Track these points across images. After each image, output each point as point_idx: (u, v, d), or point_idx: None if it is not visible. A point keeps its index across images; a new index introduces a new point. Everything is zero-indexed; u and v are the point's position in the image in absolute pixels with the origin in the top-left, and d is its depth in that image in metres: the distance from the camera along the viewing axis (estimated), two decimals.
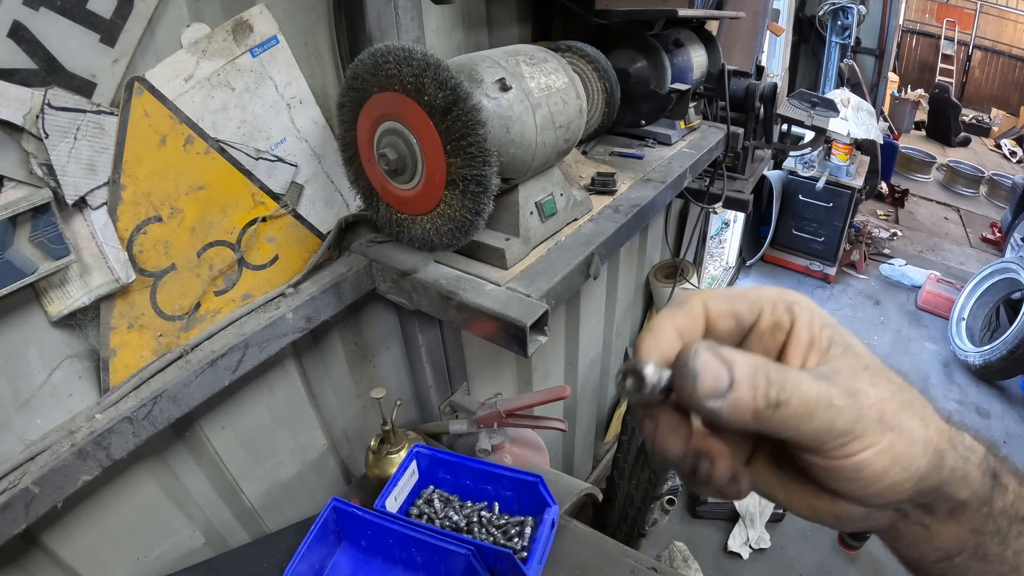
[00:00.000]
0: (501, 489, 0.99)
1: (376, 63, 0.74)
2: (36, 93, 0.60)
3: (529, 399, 1.07)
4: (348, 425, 1.19)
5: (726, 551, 2.50)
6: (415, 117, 0.73)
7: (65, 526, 0.77)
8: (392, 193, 0.83)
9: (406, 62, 0.71)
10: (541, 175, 0.94)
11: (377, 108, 0.77)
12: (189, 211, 0.77)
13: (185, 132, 0.74)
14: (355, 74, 0.77)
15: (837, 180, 3.99)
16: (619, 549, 0.96)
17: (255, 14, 0.76)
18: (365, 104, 0.78)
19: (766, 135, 1.68)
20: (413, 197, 0.81)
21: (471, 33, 1.14)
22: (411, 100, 0.73)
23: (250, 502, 1.03)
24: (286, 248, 0.91)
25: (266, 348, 0.86)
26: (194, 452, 0.91)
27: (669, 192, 1.20)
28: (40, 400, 0.70)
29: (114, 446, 0.72)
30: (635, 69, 1.31)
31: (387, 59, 0.73)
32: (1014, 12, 8.71)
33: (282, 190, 0.87)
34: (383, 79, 0.74)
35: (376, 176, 0.83)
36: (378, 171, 0.81)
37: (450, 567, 0.86)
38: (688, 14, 1.19)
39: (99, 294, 0.70)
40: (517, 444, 1.21)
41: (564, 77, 0.88)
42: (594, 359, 2.17)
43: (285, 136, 0.85)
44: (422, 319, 1.10)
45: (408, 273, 0.90)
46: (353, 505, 0.90)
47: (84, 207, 0.67)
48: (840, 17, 4.17)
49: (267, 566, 0.94)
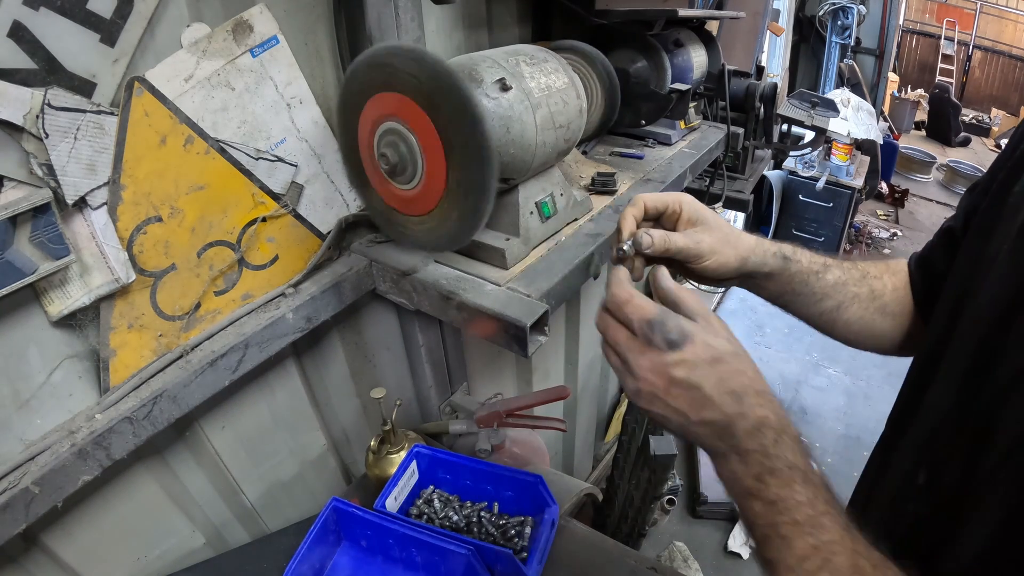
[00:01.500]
0: (501, 489, 0.99)
1: (376, 63, 0.74)
2: (36, 93, 0.60)
3: (529, 399, 1.07)
4: (348, 425, 1.19)
5: (726, 551, 2.49)
6: (415, 117, 0.73)
7: (65, 526, 0.77)
8: (392, 193, 0.83)
9: (406, 62, 0.71)
10: (541, 175, 0.94)
11: (377, 108, 0.77)
12: (189, 211, 0.77)
13: (185, 132, 0.74)
14: (355, 74, 0.77)
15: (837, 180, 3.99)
16: (619, 549, 0.96)
17: (255, 14, 0.76)
18: (365, 104, 0.78)
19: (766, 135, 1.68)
20: (413, 197, 0.81)
21: (471, 33, 1.14)
22: (411, 100, 0.73)
23: (250, 502, 1.03)
24: (286, 248, 0.91)
25: (266, 348, 0.86)
26: (194, 452, 0.91)
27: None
28: (40, 400, 0.70)
29: (114, 446, 0.72)
30: (635, 69, 1.31)
31: (387, 59, 0.73)
32: (1014, 12, 8.71)
33: (282, 190, 0.87)
34: (383, 79, 0.74)
35: (376, 176, 0.83)
36: (378, 171, 0.81)
37: (450, 567, 0.86)
38: (688, 14, 1.19)
39: (99, 294, 0.70)
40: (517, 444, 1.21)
41: (564, 77, 0.88)
42: (594, 359, 2.17)
43: (285, 136, 0.85)
44: (422, 319, 1.10)
45: (408, 273, 0.90)
46: (353, 505, 0.90)
47: (84, 207, 0.67)
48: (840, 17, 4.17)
49: (267, 566, 0.94)
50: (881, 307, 0.76)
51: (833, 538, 0.48)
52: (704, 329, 0.53)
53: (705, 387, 0.50)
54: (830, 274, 0.74)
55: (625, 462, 2.04)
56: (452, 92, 0.69)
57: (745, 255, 0.68)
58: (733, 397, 0.51)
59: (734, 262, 0.67)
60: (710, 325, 0.54)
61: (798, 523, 0.48)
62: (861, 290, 0.75)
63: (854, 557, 0.47)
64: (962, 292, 0.59)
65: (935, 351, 0.62)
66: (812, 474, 0.50)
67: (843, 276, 0.75)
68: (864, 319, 0.76)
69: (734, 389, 0.51)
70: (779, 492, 0.49)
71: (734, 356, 0.52)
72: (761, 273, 0.71)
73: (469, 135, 0.70)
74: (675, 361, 0.51)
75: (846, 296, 0.75)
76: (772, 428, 0.50)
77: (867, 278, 0.76)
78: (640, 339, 0.53)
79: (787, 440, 0.50)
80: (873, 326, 0.76)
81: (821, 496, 0.49)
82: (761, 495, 0.50)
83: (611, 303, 0.56)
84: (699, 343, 0.51)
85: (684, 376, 0.51)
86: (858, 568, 0.47)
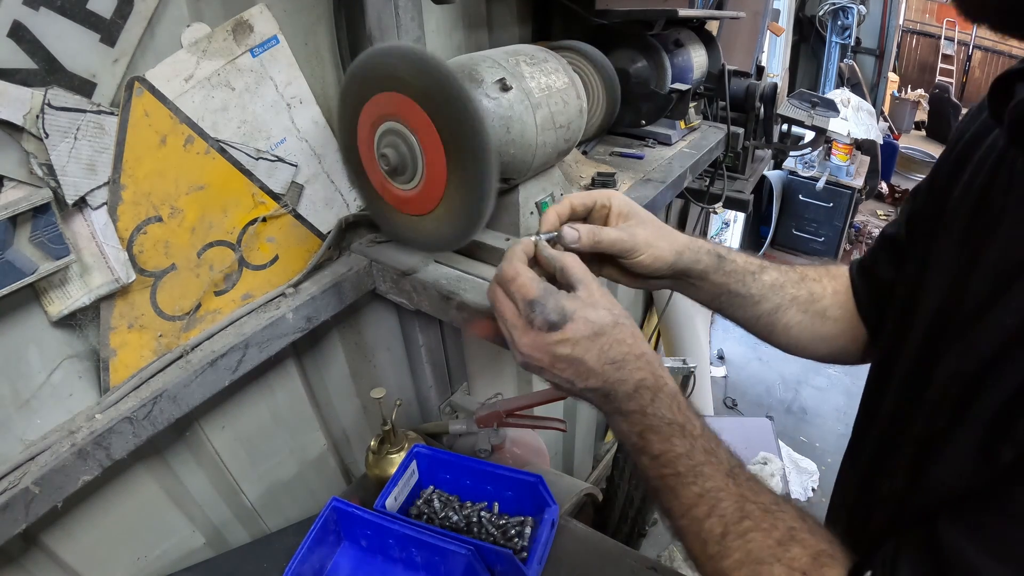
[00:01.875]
0: (501, 489, 0.99)
1: (376, 63, 0.74)
2: (36, 93, 0.60)
3: (529, 399, 1.07)
4: (348, 425, 1.19)
5: None
6: (415, 117, 0.73)
7: (65, 526, 0.77)
8: (392, 193, 0.83)
9: (406, 62, 0.71)
10: (541, 175, 0.94)
11: (377, 108, 0.77)
12: (189, 211, 0.77)
13: (185, 132, 0.74)
14: (355, 74, 0.77)
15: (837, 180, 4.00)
16: (619, 549, 0.96)
17: (255, 14, 0.76)
18: (365, 104, 0.78)
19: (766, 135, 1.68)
20: (413, 197, 0.81)
21: (471, 33, 1.14)
22: (411, 100, 0.73)
23: (250, 502, 1.03)
24: (286, 248, 0.91)
25: (266, 348, 0.86)
26: (194, 452, 0.91)
27: (669, 192, 1.20)
28: (40, 400, 0.70)
29: (114, 446, 0.72)
30: (635, 69, 1.31)
31: (387, 59, 0.73)
32: None
33: (282, 190, 0.87)
34: (383, 79, 0.74)
35: (376, 176, 0.83)
36: (378, 171, 0.81)
37: (450, 567, 0.86)
38: (688, 14, 1.19)
39: (99, 294, 0.70)
40: (517, 444, 1.21)
41: (564, 77, 0.88)
42: None
43: (285, 136, 0.85)
44: (422, 319, 1.10)
45: (408, 273, 0.90)
46: (353, 505, 0.90)
47: (84, 207, 0.67)
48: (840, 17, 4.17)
49: (267, 566, 0.94)
50: (821, 311, 0.74)
51: (716, 484, 0.51)
52: (584, 303, 0.55)
53: (588, 360, 0.54)
54: (767, 275, 0.73)
55: (625, 462, 2.04)
56: (452, 92, 0.69)
57: (679, 249, 0.67)
58: (614, 366, 0.54)
59: (669, 256, 0.66)
60: (591, 295, 0.56)
61: (680, 474, 0.52)
62: (800, 292, 0.74)
63: (740, 501, 0.50)
64: (910, 300, 0.59)
65: (887, 359, 0.62)
66: (691, 426, 0.53)
67: (780, 278, 0.73)
68: (803, 323, 0.73)
69: (614, 359, 0.54)
70: (660, 447, 0.53)
71: (614, 326, 0.55)
72: (695, 270, 0.69)
73: (469, 135, 0.70)
74: (556, 340, 0.54)
75: (784, 299, 0.73)
76: (649, 388, 0.54)
77: (805, 280, 0.75)
78: (523, 318, 0.56)
79: (663, 398, 0.54)
80: (813, 330, 0.74)
81: (699, 446, 0.52)
82: (646, 451, 0.54)
83: (499, 278, 0.58)
84: (579, 320, 0.54)
85: (567, 353, 0.54)
86: (745, 512, 0.49)
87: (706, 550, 0.50)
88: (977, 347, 0.44)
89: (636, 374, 0.54)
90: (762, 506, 0.49)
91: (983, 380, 0.43)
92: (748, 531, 0.48)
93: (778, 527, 0.48)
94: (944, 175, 0.60)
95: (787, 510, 0.50)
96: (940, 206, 0.58)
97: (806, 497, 2.82)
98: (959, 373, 0.46)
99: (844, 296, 0.75)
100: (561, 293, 0.56)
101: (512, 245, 0.62)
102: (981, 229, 0.50)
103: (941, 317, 0.52)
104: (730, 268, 0.70)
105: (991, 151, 0.52)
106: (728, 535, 0.49)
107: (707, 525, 0.50)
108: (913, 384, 0.54)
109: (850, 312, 0.74)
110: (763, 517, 0.49)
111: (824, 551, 0.47)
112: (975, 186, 0.53)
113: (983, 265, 0.47)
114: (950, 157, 0.60)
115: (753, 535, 0.48)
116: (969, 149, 0.57)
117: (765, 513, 0.49)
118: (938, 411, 0.49)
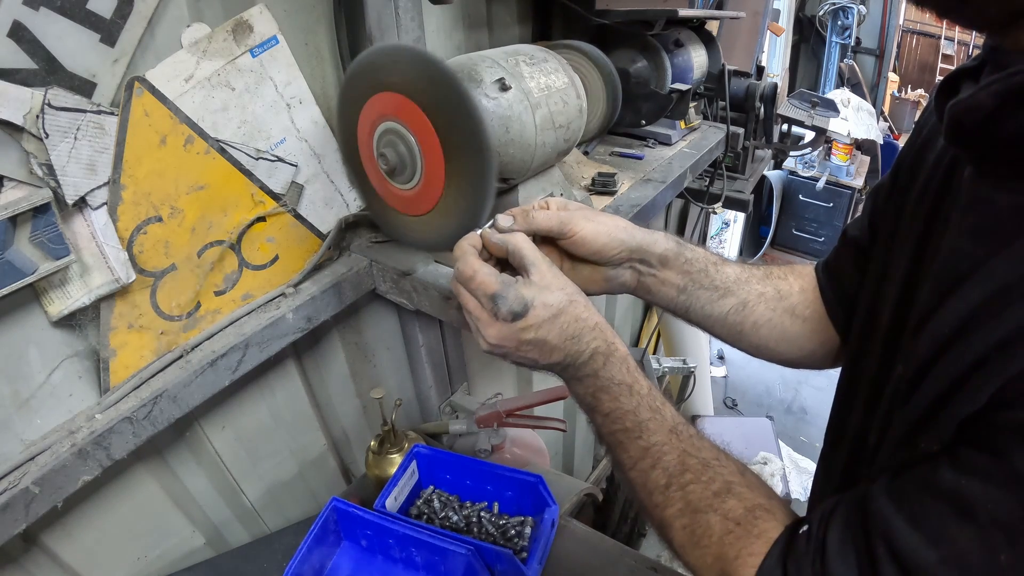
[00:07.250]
0: (501, 489, 0.99)
1: (376, 63, 0.74)
2: (36, 93, 0.60)
3: (529, 399, 1.07)
4: (348, 425, 1.19)
5: None
6: (414, 117, 0.73)
7: (65, 526, 0.77)
8: (392, 193, 0.83)
9: (406, 62, 0.71)
10: (541, 175, 0.93)
11: (376, 108, 0.77)
12: (189, 211, 0.77)
13: (185, 132, 0.74)
14: (354, 74, 0.77)
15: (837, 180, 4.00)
16: (619, 549, 0.96)
17: (255, 14, 0.76)
18: (365, 104, 0.78)
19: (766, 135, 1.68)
20: (413, 197, 0.81)
21: (471, 33, 1.14)
22: (410, 100, 0.73)
23: (250, 502, 1.03)
24: (286, 248, 0.91)
25: (266, 348, 0.86)
26: (194, 452, 0.91)
27: (669, 192, 1.20)
28: (40, 400, 0.70)
29: (114, 446, 0.72)
30: (635, 69, 1.31)
31: (387, 59, 0.73)
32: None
33: (282, 190, 0.87)
34: (382, 79, 0.74)
35: (376, 176, 0.83)
36: (378, 171, 0.81)
37: (450, 567, 0.86)
38: (688, 14, 1.19)
39: (99, 294, 0.70)
40: (517, 444, 1.21)
41: (564, 77, 0.88)
42: None
43: (285, 136, 0.85)
44: (422, 319, 1.10)
45: (408, 273, 0.90)
46: (353, 505, 0.90)
47: (84, 207, 0.67)
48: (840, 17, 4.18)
49: (267, 566, 0.94)
50: (790, 308, 0.72)
51: (660, 439, 0.55)
52: (540, 287, 0.58)
53: (550, 340, 0.58)
54: (729, 268, 0.71)
55: None
56: (451, 92, 0.69)
57: (632, 230, 0.67)
58: (573, 340, 0.58)
59: (622, 234, 0.66)
60: (543, 278, 0.59)
61: (628, 430, 0.57)
62: (766, 289, 0.72)
63: (683, 456, 0.54)
64: (872, 305, 0.59)
65: (853, 367, 0.61)
66: (638, 386, 0.58)
67: (743, 273, 0.72)
68: (773, 321, 0.71)
69: (573, 334, 0.58)
70: (610, 405, 0.58)
71: (570, 304, 0.59)
72: (655, 253, 0.68)
73: (468, 135, 0.70)
74: (521, 328, 0.58)
75: (750, 294, 0.71)
76: (601, 354, 0.59)
77: (771, 278, 0.73)
78: (487, 312, 0.59)
79: (615, 361, 0.59)
80: (784, 329, 0.72)
81: (645, 404, 0.57)
82: (598, 409, 0.59)
83: (459, 278, 0.61)
84: (539, 305, 0.58)
85: (532, 337, 0.58)
86: (686, 465, 0.54)
87: (652, 499, 0.55)
88: (917, 354, 0.44)
89: (592, 343, 0.59)
90: (703, 460, 0.54)
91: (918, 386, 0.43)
92: (689, 483, 0.53)
93: (716, 480, 0.53)
94: (906, 170, 0.59)
95: (727, 465, 0.54)
96: (900, 207, 0.57)
97: (806, 497, 2.82)
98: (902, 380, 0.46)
99: (812, 295, 0.72)
100: (519, 282, 0.59)
101: (459, 242, 0.64)
102: (931, 237, 0.50)
103: (896, 324, 0.53)
104: (691, 255, 0.70)
105: (947, 151, 0.52)
106: (671, 486, 0.54)
107: (652, 476, 0.55)
108: (873, 394, 0.54)
109: (819, 312, 0.72)
110: (703, 470, 0.53)
111: (760, 505, 0.51)
112: (930, 191, 0.52)
113: (928, 276, 0.47)
114: (911, 151, 0.59)
115: (693, 487, 0.53)
116: (926, 147, 0.56)
117: (704, 467, 0.53)
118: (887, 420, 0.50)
